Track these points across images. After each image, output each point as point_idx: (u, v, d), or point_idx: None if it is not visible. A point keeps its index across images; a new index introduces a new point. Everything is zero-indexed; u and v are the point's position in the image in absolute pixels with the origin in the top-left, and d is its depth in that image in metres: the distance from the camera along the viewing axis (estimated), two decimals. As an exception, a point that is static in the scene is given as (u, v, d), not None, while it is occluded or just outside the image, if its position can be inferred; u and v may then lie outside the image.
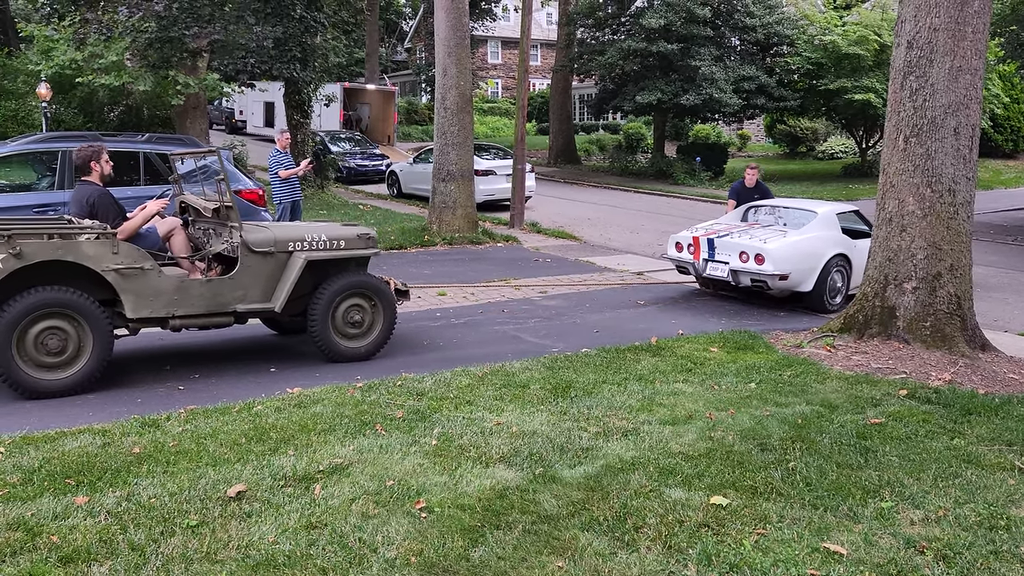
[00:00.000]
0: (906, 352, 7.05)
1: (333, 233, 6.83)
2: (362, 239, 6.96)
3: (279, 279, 6.51)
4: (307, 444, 4.73)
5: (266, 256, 6.45)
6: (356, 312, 6.84)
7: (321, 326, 6.66)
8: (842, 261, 9.57)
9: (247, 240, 6.38)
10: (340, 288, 6.72)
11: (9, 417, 5.32)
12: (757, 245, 9.27)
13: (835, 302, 9.57)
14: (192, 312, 6.22)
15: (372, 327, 6.95)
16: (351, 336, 6.85)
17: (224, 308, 6.34)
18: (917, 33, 7.15)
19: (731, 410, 5.53)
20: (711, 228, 10.23)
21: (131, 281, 5.95)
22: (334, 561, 3.45)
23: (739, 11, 25.52)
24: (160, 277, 6.07)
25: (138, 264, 5.96)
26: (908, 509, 4.09)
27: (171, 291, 6.11)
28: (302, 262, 6.51)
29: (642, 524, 3.84)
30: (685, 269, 10.21)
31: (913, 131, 7.21)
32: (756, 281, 9.36)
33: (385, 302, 6.95)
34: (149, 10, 15.71)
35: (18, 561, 3.38)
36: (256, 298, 6.45)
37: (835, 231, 9.71)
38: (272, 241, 6.49)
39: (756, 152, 38.62)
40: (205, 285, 6.26)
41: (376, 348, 6.96)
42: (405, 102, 41.72)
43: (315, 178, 19.26)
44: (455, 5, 13.95)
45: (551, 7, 46.58)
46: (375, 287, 6.90)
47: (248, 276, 6.40)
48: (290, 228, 6.86)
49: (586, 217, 18.23)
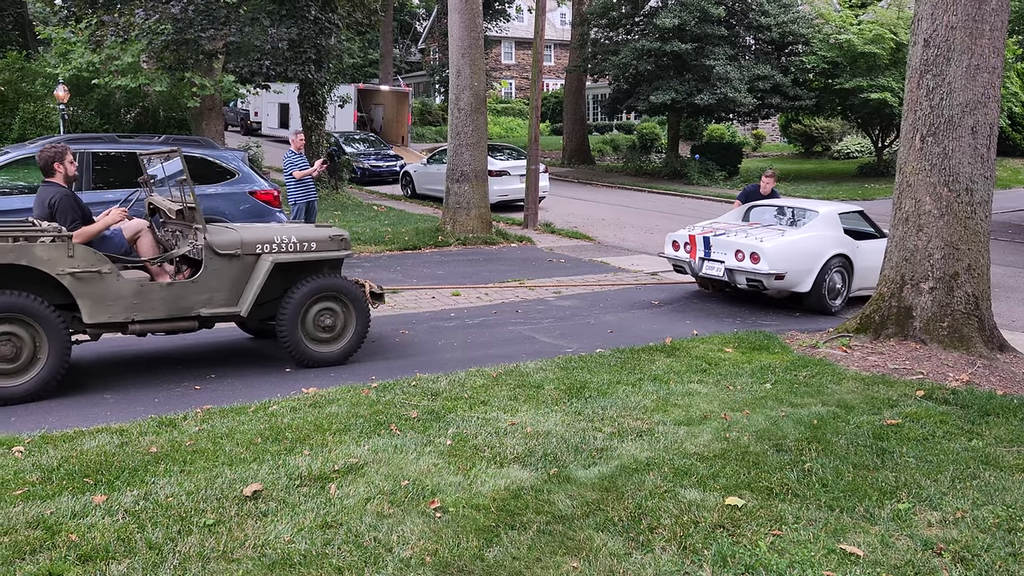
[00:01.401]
0: (923, 352, 6.99)
1: (304, 235, 6.64)
2: (335, 241, 6.75)
3: (246, 282, 6.32)
4: (322, 444, 4.75)
5: (232, 258, 6.25)
6: (327, 316, 6.64)
7: (290, 330, 6.46)
8: (843, 262, 9.32)
9: (211, 242, 6.18)
10: (310, 291, 6.52)
11: (28, 416, 5.37)
12: (753, 243, 9.07)
13: (835, 304, 9.35)
14: (153, 316, 6.03)
15: (344, 331, 6.75)
16: (322, 340, 6.66)
17: (187, 312, 6.16)
18: (934, 31, 7.09)
19: (746, 411, 5.51)
20: (709, 226, 10.05)
21: (88, 285, 5.75)
22: (349, 560, 3.46)
23: (754, 10, 25.42)
24: (119, 281, 5.88)
25: (95, 268, 5.77)
26: (925, 510, 4.06)
27: (130, 295, 5.91)
28: (269, 264, 6.33)
29: (657, 525, 3.83)
30: (682, 268, 10.01)
31: (930, 130, 7.16)
32: (752, 281, 9.16)
33: (357, 305, 6.75)
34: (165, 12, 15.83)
35: (38, 559, 3.41)
36: (222, 302, 6.25)
37: (836, 231, 9.48)
38: (238, 243, 6.29)
39: (771, 152, 38.46)
40: (166, 289, 6.08)
41: (349, 353, 6.78)
42: (419, 103, 41.83)
43: (329, 179, 19.35)
44: (469, 6, 13.97)
45: (565, 8, 46.61)
46: (347, 290, 6.70)
47: (213, 279, 6.21)
48: (258, 229, 6.67)
49: (600, 217, 18.20)
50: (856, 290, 9.58)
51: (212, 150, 10.08)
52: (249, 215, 9.45)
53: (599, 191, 24.44)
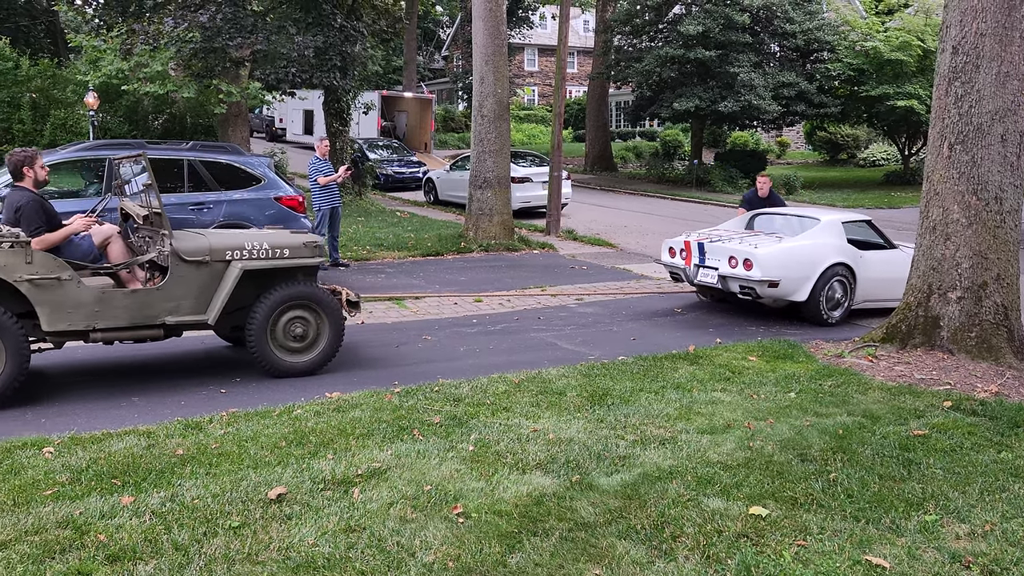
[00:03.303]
0: (951, 363, 6.91)
1: (276, 241, 6.46)
2: (308, 247, 6.56)
3: (215, 289, 6.16)
4: (346, 448, 4.78)
5: (200, 265, 6.11)
6: (299, 325, 6.48)
7: (259, 339, 6.31)
8: (844, 272, 8.98)
9: (178, 248, 6.05)
10: (280, 299, 6.36)
11: (58, 418, 5.46)
12: (746, 250, 8.79)
13: (834, 315, 9.02)
14: (115, 325, 5.90)
15: (317, 341, 6.58)
16: (293, 350, 6.50)
17: (152, 320, 6.01)
18: (963, 38, 7.02)
19: (770, 420, 5.47)
20: (706, 233, 9.84)
21: (46, 292, 5.63)
22: (372, 564, 3.48)
23: (778, 17, 25.27)
24: (79, 288, 5.75)
25: (54, 274, 5.65)
26: (953, 523, 4.01)
27: (91, 303, 5.77)
28: (238, 271, 6.17)
29: (680, 533, 3.81)
30: (678, 276, 9.77)
31: (958, 138, 7.08)
32: (745, 288, 8.87)
33: (331, 314, 6.57)
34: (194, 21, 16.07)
35: (67, 558, 3.47)
36: (189, 309, 6.11)
37: (838, 240, 9.14)
38: (207, 249, 6.15)
39: (795, 159, 38.21)
40: (130, 296, 5.95)
41: (321, 363, 6.61)
42: (442, 110, 42.03)
43: (353, 185, 19.48)
44: (493, 13, 14.03)
45: (588, 15, 46.64)
46: (319, 298, 6.52)
47: (179, 286, 6.06)
48: (229, 236, 6.54)
49: (622, 224, 18.17)
50: (861, 302, 9.28)
51: (239, 156, 10.19)
52: (274, 220, 9.53)
53: (621, 198, 24.39)
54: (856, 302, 9.26)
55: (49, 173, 6.53)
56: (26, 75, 15.88)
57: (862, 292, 9.24)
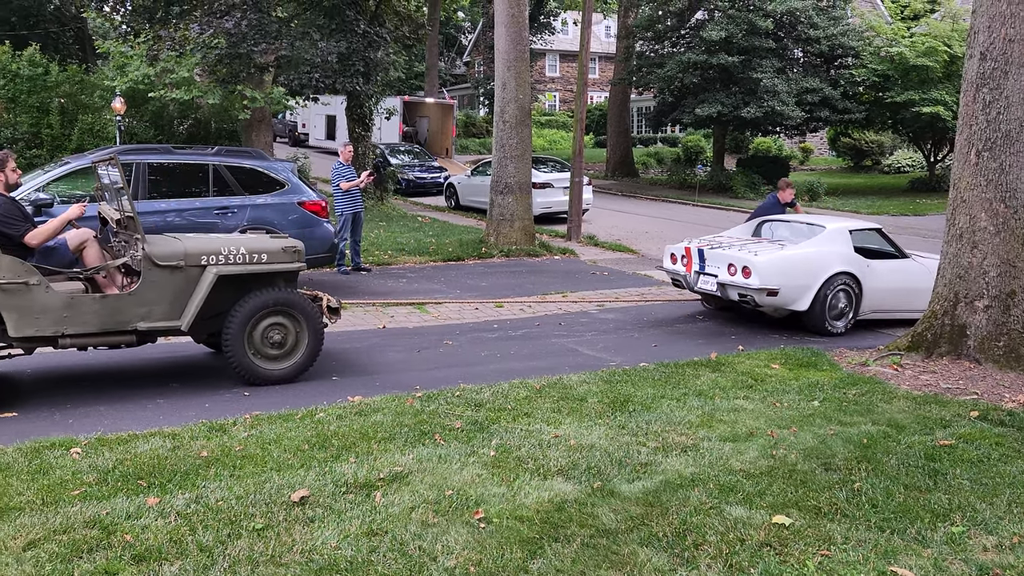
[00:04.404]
0: (977, 372, 6.82)
1: (254, 246, 6.35)
2: (288, 252, 6.45)
3: (190, 295, 6.06)
4: (368, 452, 4.80)
5: (174, 270, 6.01)
6: (277, 332, 6.36)
7: (235, 346, 6.19)
8: (849, 281, 8.80)
9: (150, 253, 5.95)
10: (257, 306, 6.24)
11: (85, 419, 5.53)
12: (745, 257, 8.63)
13: (837, 325, 8.85)
14: (85, 331, 5.81)
15: (296, 348, 6.47)
16: (272, 357, 6.39)
17: (124, 326, 5.92)
18: (991, 44, 6.95)
19: (793, 428, 5.43)
20: (708, 239, 9.70)
21: (12, 297, 5.53)
22: (394, 568, 3.50)
23: (802, 23, 25.12)
24: (47, 293, 5.65)
25: (21, 279, 5.56)
26: (981, 534, 3.96)
27: (60, 308, 5.67)
28: (212, 277, 6.06)
29: (702, 541, 3.79)
30: (679, 282, 9.64)
31: (986, 145, 7.01)
32: (743, 296, 8.72)
33: (310, 321, 6.46)
34: (220, 27, 16.24)
35: (94, 558, 3.51)
36: (161, 315, 6.00)
37: (844, 248, 8.93)
38: (181, 254, 6.05)
39: (819, 165, 37.91)
40: (100, 301, 5.85)
41: (300, 370, 6.51)
42: (463, 115, 42.16)
43: (375, 190, 19.59)
44: (515, 20, 14.07)
45: (610, 20, 46.62)
46: (298, 305, 6.41)
47: (152, 291, 5.95)
48: (205, 240, 6.45)
49: (644, 230, 18.12)
50: (869, 313, 9.10)
51: (263, 161, 10.28)
52: (297, 225, 9.61)
53: (643, 204, 24.33)
54: (863, 313, 9.05)
55: (21, 176, 6.51)
56: (55, 81, 16.11)
57: (869, 303, 9.02)
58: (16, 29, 24.70)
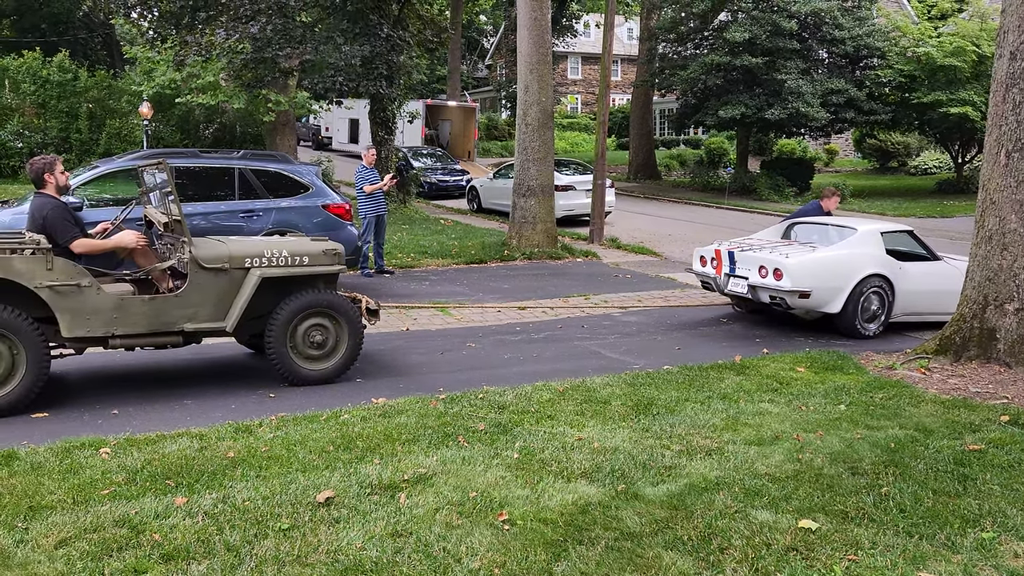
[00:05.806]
0: (1007, 376, 6.72)
1: (296, 249, 6.49)
2: (328, 255, 6.56)
3: (234, 296, 6.18)
4: (392, 453, 4.83)
5: (219, 272, 6.13)
6: (318, 332, 6.47)
7: (278, 347, 6.32)
8: (882, 283, 8.70)
9: (196, 255, 6.07)
10: (299, 307, 6.35)
11: (113, 419, 5.60)
12: (777, 259, 8.55)
13: (870, 327, 8.75)
14: (134, 331, 5.93)
15: (336, 348, 6.56)
16: (313, 358, 6.50)
17: (170, 327, 6.05)
18: (1021, 43, 6.85)
19: (819, 432, 5.38)
20: (739, 241, 9.64)
21: (66, 298, 5.66)
22: (419, 569, 3.51)
23: (827, 23, 24.91)
24: (99, 294, 5.79)
25: (74, 281, 5.68)
26: (1012, 541, 3.90)
27: (110, 309, 5.81)
28: (256, 279, 6.18)
29: (728, 545, 3.77)
30: (709, 285, 9.57)
31: (1016, 145, 6.91)
32: (775, 299, 8.62)
33: (350, 322, 6.55)
34: (245, 32, 16.41)
35: (124, 556, 3.56)
36: (207, 317, 6.12)
37: (876, 249, 8.85)
38: (226, 257, 6.18)
39: (844, 167, 37.56)
40: (148, 303, 5.98)
41: (341, 370, 6.61)
42: (485, 118, 42.23)
43: (398, 193, 19.68)
44: (538, 23, 14.08)
45: (632, 23, 46.52)
46: (338, 306, 6.51)
47: (197, 293, 6.08)
48: (249, 243, 6.57)
49: (667, 233, 18.05)
50: (900, 315, 9.00)
51: (288, 164, 10.37)
52: (322, 228, 9.68)
53: (665, 206, 24.24)
54: (895, 315, 8.96)
55: (70, 178, 6.58)
56: (84, 86, 16.40)
57: (901, 305, 8.94)
58: (46, 35, 25.10)
